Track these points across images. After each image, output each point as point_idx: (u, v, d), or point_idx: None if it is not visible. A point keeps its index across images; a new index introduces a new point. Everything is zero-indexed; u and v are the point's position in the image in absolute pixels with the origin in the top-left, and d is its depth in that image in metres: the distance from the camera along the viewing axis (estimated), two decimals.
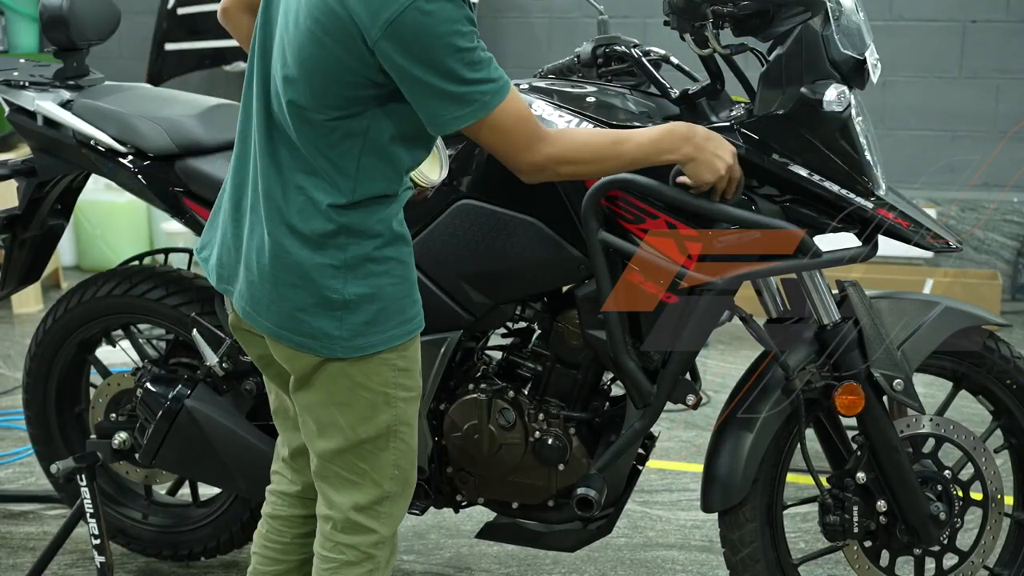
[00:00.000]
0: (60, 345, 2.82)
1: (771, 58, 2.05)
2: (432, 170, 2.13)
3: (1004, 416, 2.38)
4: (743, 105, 2.15)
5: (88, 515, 2.66)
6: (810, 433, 2.31)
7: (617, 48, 2.32)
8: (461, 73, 1.70)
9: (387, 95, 1.76)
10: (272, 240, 1.82)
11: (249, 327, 1.94)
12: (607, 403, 2.38)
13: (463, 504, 2.44)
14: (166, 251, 2.86)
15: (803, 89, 2.01)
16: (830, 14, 2.00)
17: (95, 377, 2.92)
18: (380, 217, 1.82)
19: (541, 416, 2.30)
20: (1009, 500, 2.41)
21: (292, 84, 1.76)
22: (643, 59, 2.24)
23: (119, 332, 2.87)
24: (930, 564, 2.34)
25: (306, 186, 1.79)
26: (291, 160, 1.80)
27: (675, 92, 2.17)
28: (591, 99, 2.19)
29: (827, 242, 2.09)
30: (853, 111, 2.04)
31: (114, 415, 2.74)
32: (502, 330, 2.40)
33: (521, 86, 2.23)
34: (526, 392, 2.34)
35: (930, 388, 2.48)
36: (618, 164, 1.91)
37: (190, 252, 2.87)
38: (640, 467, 2.40)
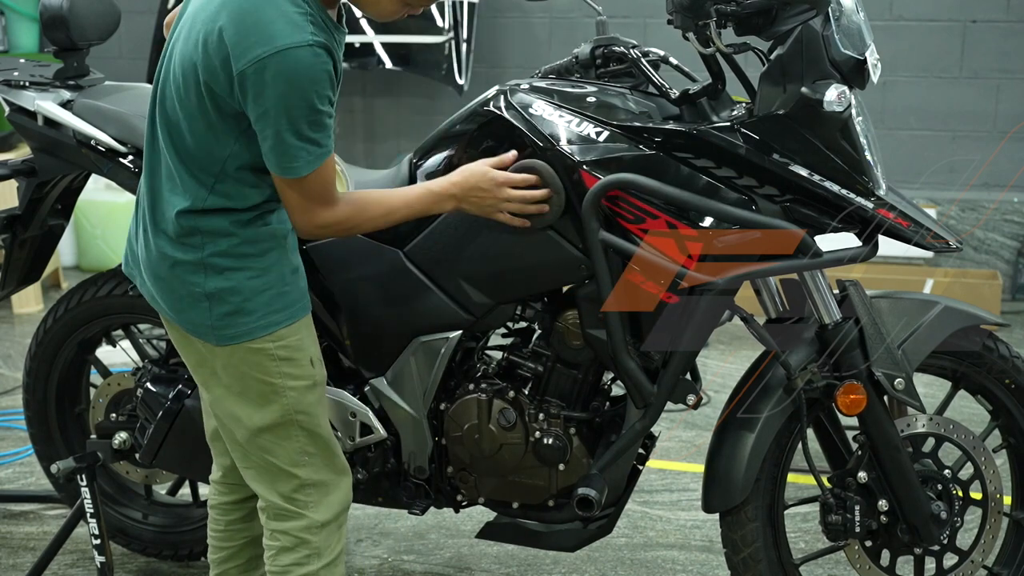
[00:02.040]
0: (60, 345, 2.82)
1: (771, 58, 2.05)
2: (339, 185, 2.19)
3: (1003, 416, 2.38)
4: (744, 105, 2.15)
5: (88, 515, 2.66)
6: (809, 433, 2.31)
7: (616, 49, 2.32)
8: (302, 130, 1.83)
9: (248, 125, 1.87)
10: (150, 238, 1.98)
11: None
12: (607, 403, 2.38)
13: (463, 504, 2.44)
14: None
15: (803, 89, 2.01)
16: (830, 14, 2.00)
17: (95, 377, 2.93)
18: (234, 219, 1.94)
19: (541, 416, 2.30)
20: (1008, 500, 2.42)
21: (173, 97, 1.90)
22: (641, 60, 2.24)
23: (119, 332, 2.87)
24: (930, 564, 2.35)
25: (169, 191, 1.94)
26: (164, 166, 1.95)
27: (675, 93, 2.18)
28: (591, 99, 2.19)
29: (827, 242, 2.09)
30: (853, 111, 2.04)
31: (114, 415, 2.74)
32: (502, 330, 2.40)
33: (521, 86, 2.23)
34: (526, 392, 2.34)
35: (930, 388, 2.48)
36: (390, 223, 2.08)
37: None
38: (640, 467, 2.40)
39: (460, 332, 2.29)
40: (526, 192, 2.09)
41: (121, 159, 2.56)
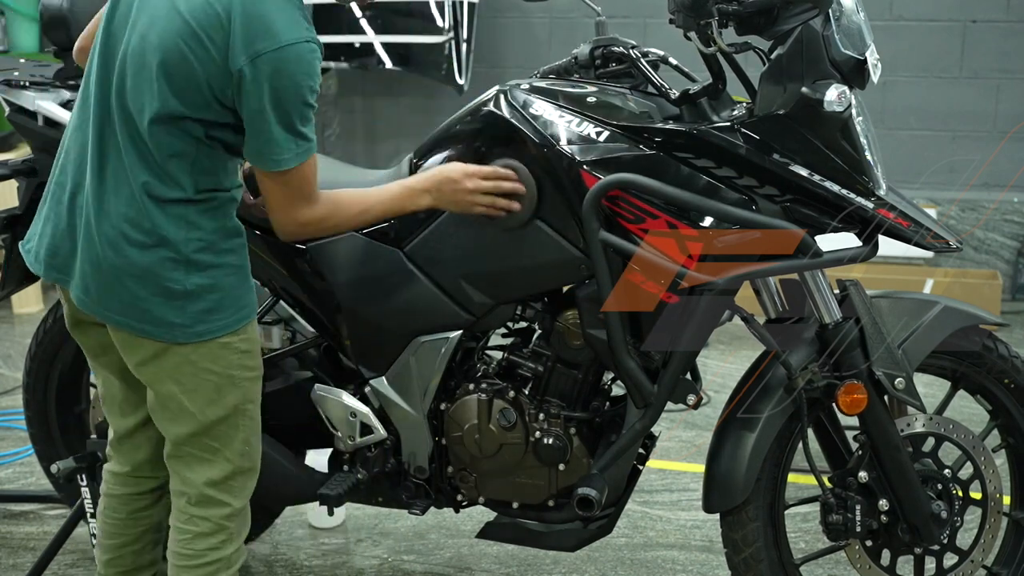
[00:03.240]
0: (61, 345, 2.82)
1: (772, 58, 2.05)
2: None
3: (1002, 415, 2.38)
4: (744, 105, 2.15)
5: (88, 515, 2.66)
6: (809, 432, 2.30)
7: (615, 49, 2.32)
8: (294, 123, 1.87)
9: (231, 113, 1.89)
10: (113, 234, 1.91)
11: (85, 317, 2.04)
12: (608, 403, 2.38)
13: (463, 504, 2.45)
14: None
15: (804, 89, 2.01)
16: (831, 14, 2.01)
17: (96, 377, 2.92)
18: (215, 213, 1.95)
19: (542, 416, 2.30)
20: (1007, 499, 2.42)
21: (139, 88, 1.88)
22: (641, 60, 2.24)
23: None
24: (930, 564, 2.35)
25: (149, 183, 1.90)
26: (134, 160, 1.90)
27: (674, 93, 2.18)
28: (591, 99, 2.19)
29: (827, 242, 2.09)
30: (853, 111, 2.04)
31: None
32: (503, 330, 2.40)
33: (521, 86, 2.23)
34: (527, 392, 2.34)
35: (929, 388, 2.48)
36: (367, 223, 2.14)
37: None
38: (640, 467, 2.40)
39: (460, 332, 2.29)
40: (497, 183, 2.13)
41: None
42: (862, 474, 2.25)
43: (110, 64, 1.93)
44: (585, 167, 2.10)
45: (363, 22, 5.46)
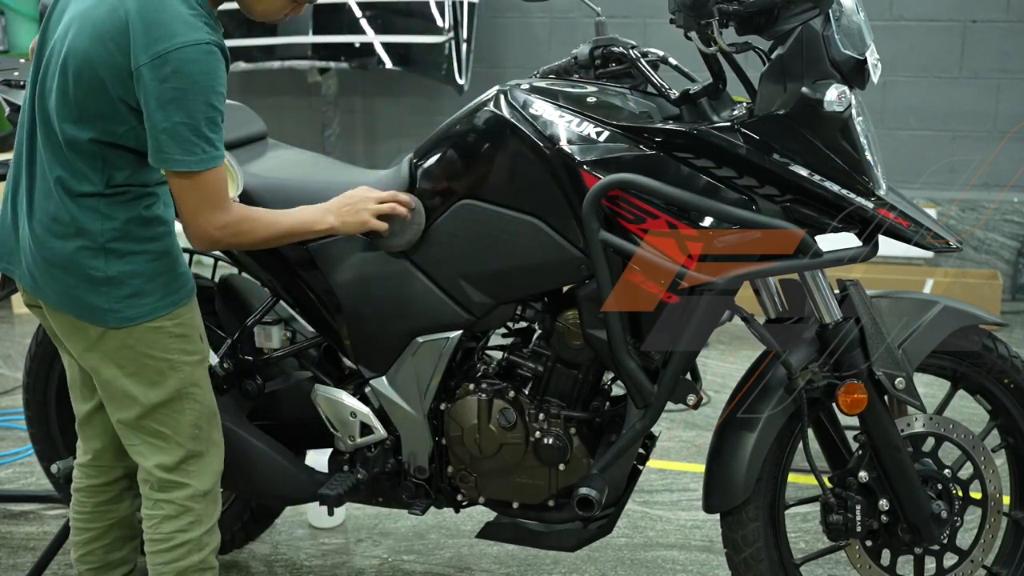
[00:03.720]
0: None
1: (772, 58, 2.05)
2: (231, 187, 2.26)
3: (1001, 415, 2.38)
4: (744, 105, 2.15)
5: None
6: (809, 432, 2.30)
7: (615, 49, 2.32)
8: (200, 126, 1.92)
9: (136, 115, 1.95)
10: (40, 227, 2.03)
11: (36, 302, 2.14)
12: (608, 403, 2.38)
13: (463, 504, 2.45)
14: None
15: (804, 89, 2.01)
16: (831, 14, 2.01)
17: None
18: (130, 205, 2.03)
19: (542, 416, 2.30)
20: (1006, 499, 2.42)
21: (54, 89, 1.97)
22: (640, 60, 2.24)
23: None
24: (930, 564, 2.35)
25: (63, 178, 1.99)
26: (51, 157, 2.00)
27: (674, 93, 2.18)
28: (591, 99, 2.19)
29: (827, 242, 2.09)
30: (853, 111, 2.04)
31: None
32: (503, 330, 2.40)
33: (521, 86, 2.23)
34: (527, 392, 2.34)
35: (929, 388, 2.48)
36: (278, 237, 2.15)
37: (190, 252, 2.88)
38: (641, 467, 2.40)
39: (460, 332, 2.29)
40: (392, 205, 2.21)
41: None
42: (862, 474, 2.25)
43: (38, 65, 2.04)
44: (585, 167, 2.10)
45: (363, 22, 5.46)
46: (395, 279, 2.29)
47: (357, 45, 5.55)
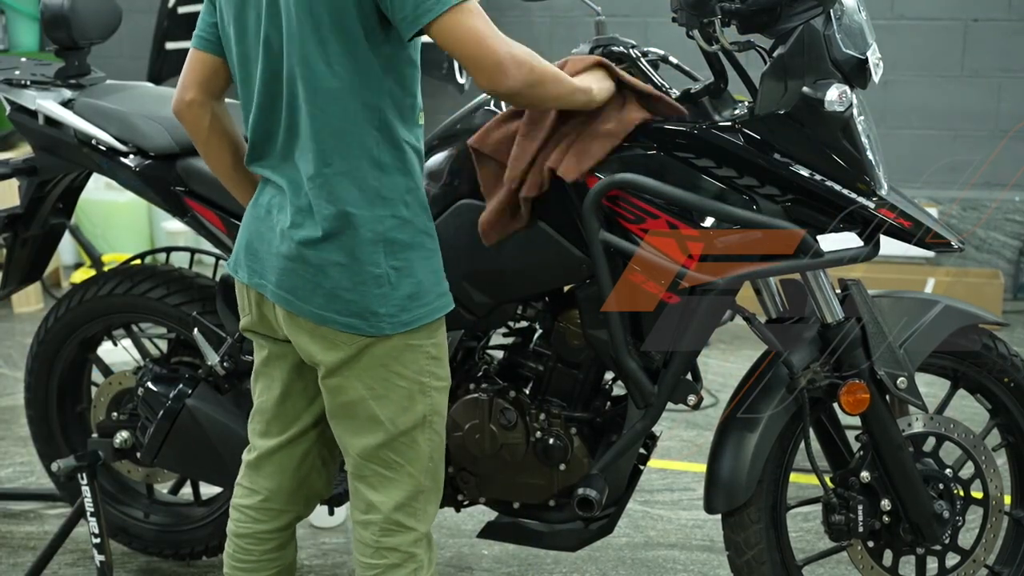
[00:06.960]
0: (62, 344, 2.82)
1: (773, 57, 2.05)
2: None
3: (1002, 415, 2.38)
4: (745, 104, 2.15)
5: (88, 514, 2.66)
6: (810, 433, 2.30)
7: (615, 49, 2.31)
8: None
9: (394, 44, 1.79)
10: (299, 226, 1.84)
11: (268, 325, 1.97)
12: (608, 403, 2.38)
13: (464, 503, 2.44)
14: (167, 250, 2.86)
15: (805, 88, 2.00)
16: (832, 14, 2.00)
17: (97, 376, 2.93)
18: (406, 178, 1.86)
19: (542, 416, 2.30)
20: (1008, 498, 2.41)
21: (314, 56, 1.78)
22: (641, 60, 2.24)
23: (121, 331, 2.87)
24: (932, 564, 2.34)
25: (329, 163, 1.81)
26: (309, 137, 1.82)
27: (675, 92, 2.17)
28: None
29: (828, 242, 2.09)
30: (855, 110, 2.04)
31: (115, 414, 2.75)
32: (503, 329, 2.40)
33: None
34: (527, 392, 2.34)
35: (930, 388, 2.48)
36: (566, 99, 1.96)
37: (191, 251, 2.88)
38: (641, 467, 2.40)
39: (461, 331, 2.29)
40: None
41: (122, 158, 2.56)
42: (864, 474, 2.25)
43: (271, 54, 1.84)
44: None
45: None
46: None
47: None
